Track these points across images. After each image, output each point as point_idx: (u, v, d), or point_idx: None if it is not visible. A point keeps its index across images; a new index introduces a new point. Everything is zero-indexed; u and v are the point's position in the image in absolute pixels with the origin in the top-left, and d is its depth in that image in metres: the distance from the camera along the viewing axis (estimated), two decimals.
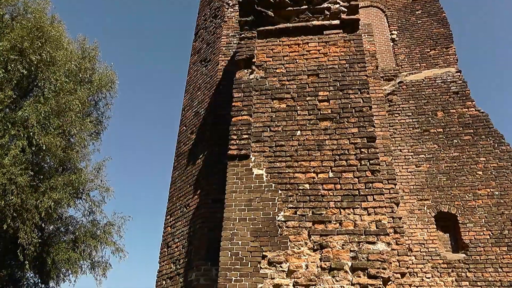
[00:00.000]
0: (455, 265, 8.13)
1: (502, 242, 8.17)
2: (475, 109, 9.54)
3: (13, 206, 10.33)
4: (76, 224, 14.09)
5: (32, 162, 11.46)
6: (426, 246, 8.39)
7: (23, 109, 10.90)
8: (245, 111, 6.32)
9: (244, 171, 5.89)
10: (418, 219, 8.66)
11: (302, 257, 5.24)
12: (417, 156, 9.27)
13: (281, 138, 6.05)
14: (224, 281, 5.23)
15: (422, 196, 8.86)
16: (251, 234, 5.45)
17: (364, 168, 5.63)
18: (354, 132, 5.90)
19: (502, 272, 7.93)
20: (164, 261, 8.41)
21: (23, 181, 10.22)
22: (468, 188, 8.76)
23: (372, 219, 5.31)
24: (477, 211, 8.52)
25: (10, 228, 10.61)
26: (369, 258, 5.09)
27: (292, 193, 5.63)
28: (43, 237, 12.69)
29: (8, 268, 12.89)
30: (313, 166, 5.77)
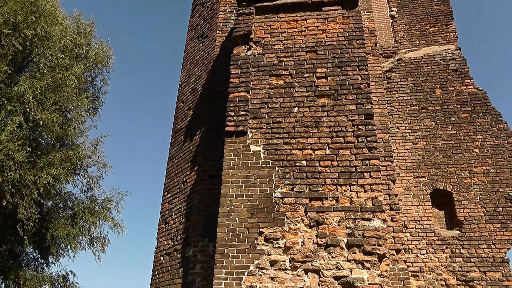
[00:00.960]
0: (449, 242, 8.25)
1: (496, 219, 8.27)
2: (473, 87, 9.52)
3: (12, 182, 10.35)
4: (75, 200, 14.16)
5: (29, 138, 11.42)
6: (421, 223, 8.49)
7: (18, 84, 10.80)
8: (243, 88, 6.29)
9: (241, 147, 5.90)
10: (414, 196, 8.73)
11: (299, 234, 5.30)
12: (414, 134, 9.29)
13: (278, 115, 6.04)
14: (221, 257, 5.30)
15: (418, 173, 8.91)
16: (248, 210, 5.50)
17: (361, 145, 5.65)
18: (351, 109, 5.90)
19: (495, 249, 8.06)
20: (162, 237, 8.50)
21: (20, 157, 10.21)
22: (464, 166, 8.82)
23: (368, 196, 5.35)
24: (472, 189, 8.60)
25: (9, 204, 10.66)
26: (364, 235, 5.15)
27: (289, 169, 5.66)
28: (42, 212, 12.77)
29: (8, 243, 13.02)
30: (310, 143, 5.79)
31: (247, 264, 5.21)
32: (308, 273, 5.08)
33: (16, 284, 12.83)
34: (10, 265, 12.86)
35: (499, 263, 7.93)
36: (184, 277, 7.26)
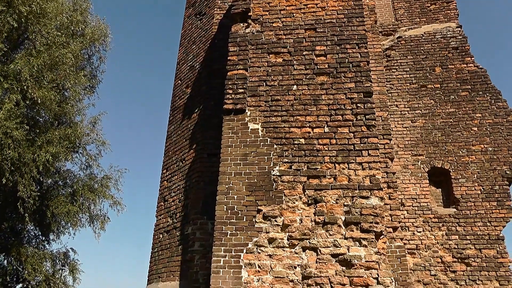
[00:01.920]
0: (446, 220, 8.34)
1: (492, 197, 8.34)
2: (474, 65, 9.46)
3: (11, 160, 10.36)
4: (74, 177, 14.22)
5: (27, 116, 11.39)
6: (418, 201, 8.56)
7: (15, 62, 10.70)
8: (241, 65, 6.24)
9: (239, 125, 5.89)
10: (411, 174, 8.78)
11: (297, 211, 5.35)
12: (413, 112, 9.28)
13: (277, 93, 6.01)
14: (220, 234, 5.35)
15: (416, 151, 8.94)
16: (247, 188, 5.53)
17: (360, 123, 5.65)
18: (350, 87, 5.87)
19: (491, 226, 8.15)
20: (161, 215, 8.57)
21: (19, 135, 10.20)
22: (462, 144, 8.84)
23: (366, 174, 5.38)
24: (470, 167, 8.64)
25: (9, 182, 10.70)
26: (362, 213, 5.20)
27: (287, 147, 5.67)
28: (42, 190, 12.83)
29: (9, 221, 13.13)
30: (308, 120, 5.78)
31: (245, 241, 5.27)
32: (306, 251, 5.15)
33: (18, 260, 12.99)
34: (12, 242, 13.00)
35: (494, 240, 8.03)
36: (183, 255, 7.35)
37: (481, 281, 7.82)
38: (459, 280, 7.89)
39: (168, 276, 7.57)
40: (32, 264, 12.63)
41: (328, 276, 4.95)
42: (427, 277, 8.00)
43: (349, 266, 4.98)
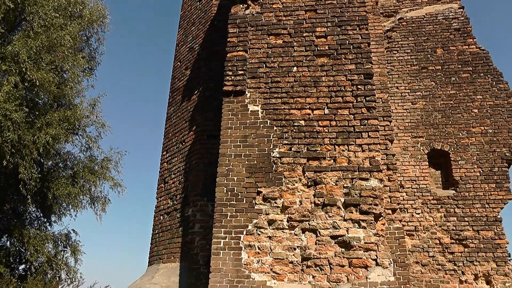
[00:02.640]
0: (445, 201, 8.38)
1: (491, 179, 8.37)
2: (475, 47, 9.38)
3: (11, 142, 10.36)
4: (74, 159, 14.24)
5: (26, 98, 11.34)
6: (418, 183, 8.59)
7: (12, 44, 10.60)
8: (241, 47, 6.19)
9: (239, 107, 5.88)
10: (411, 156, 8.79)
11: (296, 193, 5.37)
12: (414, 94, 9.24)
13: (277, 74, 5.98)
14: (220, 216, 5.38)
15: (416, 133, 8.93)
16: (246, 170, 5.55)
17: (360, 105, 5.63)
18: (351, 69, 5.84)
19: (489, 208, 8.20)
20: (161, 196, 8.62)
21: (18, 117, 10.17)
22: (462, 126, 8.83)
23: (366, 156, 5.39)
24: (469, 149, 8.65)
25: (9, 164, 10.72)
26: (361, 195, 5.23)
27: (287, 129, 5.66)
28: (42, 172, 12.87)
29: (11, 203, 13.20)
30: (308, 102, 5.76)
31: (245, 223, 5.31)
32: (305, 232, 5.19)
33: (20, 242, 13.11)
34: (14, 224, 13.10)
35: (492, 222, 8.09)
36: (184, 236, 7.42)
37: (478, 262, 7.91)
38: (456, 261, 7.97)
39: (168, 258, 7.66)
40: (34, 245, 12.75)
41: (327, 257, 5.00)
42: (425, 258, 8.08)
43: (348, 248, 5.03)
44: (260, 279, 4.97)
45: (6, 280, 10.62)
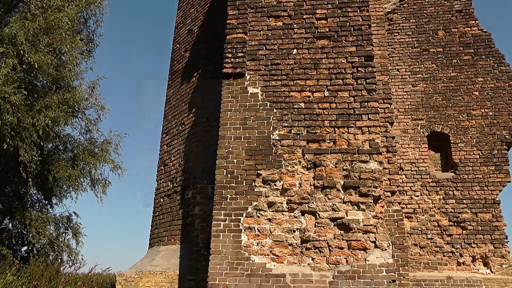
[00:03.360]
0: (444, 184, 8.41)
1: (491, 161, 8.38)
2: (477, 28, 9.28)
3: (10, 125, 10.35)
4: (74, 142, 14.25)
5: (25, 81, 11.28)
6: (417, 165, 8.61)
7: (9, 25, 10.49)
8: (240, 29, 6.13)
9: (239, 89, 5.85)
10: (411, 139, 8.79)
11: (296, 176, 5.39)
12: (414, 76, 9.18)
13: (277, 57, 5.94)
14: (219, 199, 5.41)
15: (416, 115, 8.91)
16: (246, 152, 5.55)
17: (360, 87, 5.61)
18: (351, 51, 5.79)
19: (487, 190, 8.23)
20: (161, 179, 8.64)
21: (17, 100, 10.13)
22: (463, 108, 8.80)
23: (366, 138, 5.38)
24: (469, 131, 8.64)
25: (10, 147, 10.72)
26: (361, 177, 5.24)
27: (287, 112, 5.65)
28: (43, 155, 12.88)
29: (12, 185, 13.26)
30: (309, 85, 5.73)
31: (245, 205, 5.33)
32: (304, 215, 5.22)
33: (22, 224, 13.21)
34: (16, 206, 13.17)
35: (490, 204, 8.13)
36: (184, 219, 7.46)
37: (476, 244, 7.98)
38: (454, 243, 8.04)
39: (169, 240, 7.72)
40: (36, 227, 12.85)
41: (326, 239, 5.04)
42: (423, 240, 8.15)
43: (347, 230, 5.07)
44: (259, 261, 5.02)
45: (8, 262, 10.73)
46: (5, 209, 12.69)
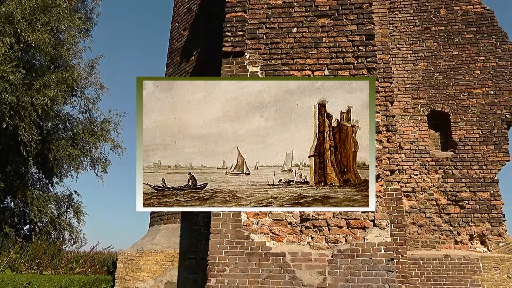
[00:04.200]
0: (443, 163, 8.44)
1: (490, 140, 8.39)
2: (480, 6, 9.16)
3: (9, 104, 10.33)
4: (74, 121, 14.26)
5: (23, 60, 11.21)
6: (417, 144, 8.62)
7: (5, 4, 10.37)
8: (240, 7, 6.04)
9: (238, 68, 5.81)
10: (411, 118, 8.78)
11: None
12: (415, 55, 9.11)
13: (276, 35, 5.87)
14: None
15: (417, 94, 8.88)
16: None
17: (361, 66, 5.56)
18: (352, 30, 5.73)
19: (486, 169, 8.26)
20: None
21: (15, 79, 10.09)
22: (464, 87, 8.76)
23: None
24: (470, 110, 8.62)
25: (9, 126, 10.73)
26: None
27: None
28: (42, 134, 12.90)
29: (13, 164, 13.32)
30: (309, 63, 5.69)
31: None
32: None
33: (24, 203, 13.32)
34: (17, 185, 13.25)
35: (489, 183, 8.17)
36: None
37: (473, 223, 8.05)
38: (452, 222, 8.12)
39: (169, 219, 7.79)
40: (37, 206, 12.96)
41: (325, 218, 5.09)
42: (421, 219, 8.22)
43: None
44: (259, 240, 5.08)
45: (12, 240, 10.86)
46: (7, 188, 12.77)
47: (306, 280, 4.79)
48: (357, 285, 4.68)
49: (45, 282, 8.57)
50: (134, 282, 6.85)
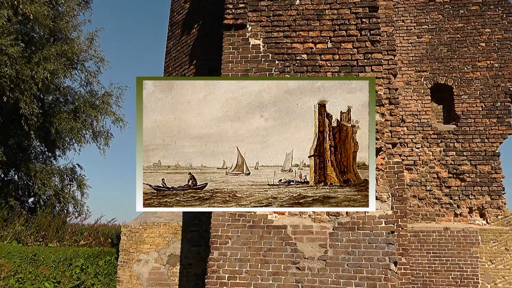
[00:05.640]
0: (445, 136, 8.43)
1: (493, 114, 8.36)
2: None
3: (9, 78, 10.28)
4: (75, 94, 14.22)
5: (21, 32, 11.08)
6: (419, 117, 8.59)
7: None
8: None
9: (240, 41, 5.73)
10: (414, 91, 8.72)
11: None
12: (420, 27, 8.97)
13: (279, 8, 5.77)
14: None
15: (420, 67, 8.79)
16: None
17: (364, 38, 5.49)
18: (355, 2, 5.62)
19: (488, 143, 8.26)
20: None
21: (14, 52, 10.00)
22: (468, 60, 8.66)
23: None
24: (473, 83, 8.55)
25: (10, 99, 10.70)
26: None
27: (289, 63, 5.56)
28: (44, 107, 12.89)
29: (15, 137, 13.36)
30: (311, 36, 5.61)
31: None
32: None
33: (28, 176, 13.43)
34: (20, 158, 13.32)
35: (490, 156, 8.19)
36: None
37: (473, 196, 8.11)
38: (453, 195, 8.18)
39: None
40: (41, 179, 13.07)
41: None
42: (422, 192, 8.28)
43: None
44: (261, 213, 5.12)
45: (17, 212, 11.00)
46: (10, 161, 12.85)
47: (308, 253, 4.86)
48: (357, 257, 4.76)
49: (51, 254, 8.73)
50: (137, 254, 6.97)
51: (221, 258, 4.97)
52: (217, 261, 4.95)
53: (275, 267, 4.85)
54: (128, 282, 6.90)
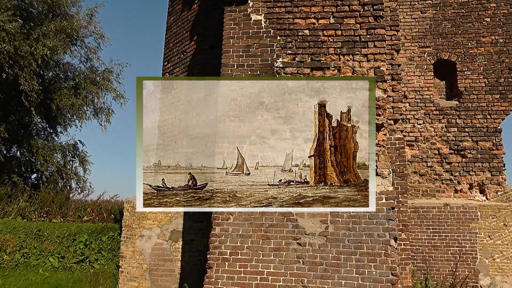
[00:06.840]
0: (447, 112, 8.40)
1: (496, 90, 8.30)
2: None
3: (7, 54, 10.19)
4: (75, 71, 14.14)
5: (20, 8, 10.93)
6: (421, 93, 8.54)
7: None
8: None
9: (241, 16, 5.65)
10: (416, 66, 8.64)
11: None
12: (424, 2, 8.82)
13: None
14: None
15: (423, 43, 8.69)
16: None
17: (367, 13, 5.40)
18: None
19: (490, 119, 8.23)
20: None
21: (13, 28, 9.89)
22: (472, 35, 8.55)
23: (371, 66, 5.28)
24: (477, 59, 8.46)
25: (9, 75, 10.64)
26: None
27: (291, 39, 5.50)
28: (44, 84, 12.83)
29: (16, 114, 13.35)
30: (314, 11, 5.52)
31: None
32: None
33: (30, 152, 13.47)
34: (22, 134, 13.35)
35: (492, 132, 8.17)
36: None
37: (474, 172, 8.13)
38: (453, 171, 8.20)
39: None
40: (43, 155, 13.12)
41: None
42: (423, 168, 8.30)
43: None
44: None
45: (20, 188, 11.09)
46: (12, 137, 12.88)
47: (309, 229, 4.90)
48: (358, 233, 4.80)
49: (55, 230, 8.85)
50: (140, 230, 7.04)
51: (223, 234, 5.01)
52: (219, 237, 5.00)
53: (276, 243, 4.90)
54: (131, 258, 7.00)
